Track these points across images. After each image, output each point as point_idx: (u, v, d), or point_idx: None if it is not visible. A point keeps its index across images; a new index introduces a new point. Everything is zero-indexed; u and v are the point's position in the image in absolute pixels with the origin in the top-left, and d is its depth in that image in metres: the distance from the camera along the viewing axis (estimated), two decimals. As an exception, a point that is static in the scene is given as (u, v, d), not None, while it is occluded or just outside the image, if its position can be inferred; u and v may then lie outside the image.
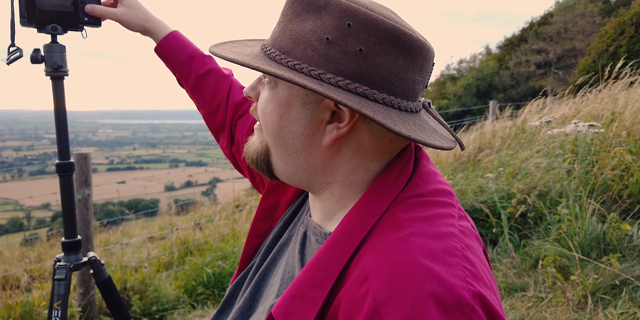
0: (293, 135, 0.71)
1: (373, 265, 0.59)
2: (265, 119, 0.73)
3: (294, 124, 0.70)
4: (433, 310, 0.53)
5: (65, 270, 1.55)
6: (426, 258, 0.58)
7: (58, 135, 1.52)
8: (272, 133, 0.73)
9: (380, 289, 0.56)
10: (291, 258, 0.80)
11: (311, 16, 0.66)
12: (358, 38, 0.64)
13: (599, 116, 4.68)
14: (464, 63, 34.22)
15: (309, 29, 0.65)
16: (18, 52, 1.37)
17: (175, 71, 1.22)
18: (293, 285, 0.65)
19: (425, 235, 0.61)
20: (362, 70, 0.65)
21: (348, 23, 0.64)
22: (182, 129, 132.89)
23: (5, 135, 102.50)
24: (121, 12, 1.21)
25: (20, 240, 5.38)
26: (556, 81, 25.59)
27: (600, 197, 3.26)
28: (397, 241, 0.61)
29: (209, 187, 32.38)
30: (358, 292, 0.58)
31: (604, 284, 2.56)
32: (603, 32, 20.15)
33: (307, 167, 0.74)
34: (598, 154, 3.56)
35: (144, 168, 73.75)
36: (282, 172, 0.76)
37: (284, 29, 0.69)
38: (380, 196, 0.69)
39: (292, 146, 0.72)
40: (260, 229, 0.95)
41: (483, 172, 4.57)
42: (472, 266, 0.60)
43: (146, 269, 3.60)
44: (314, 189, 0.77)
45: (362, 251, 0.63)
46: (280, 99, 0.70)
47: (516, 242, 3.35)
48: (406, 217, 0.64)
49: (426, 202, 0.68)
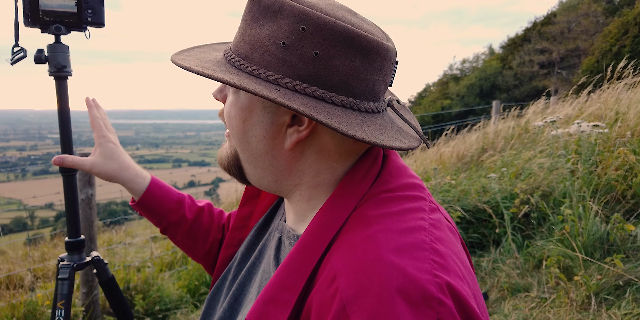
0: (256, 139, 0.72)
1: (340, 265, 0.60)
2: (230, 123, 0.74)
3: (256, 127, 0.71)
4: (400, 306, 0.53)
5: (68, 270, 1.55)
6: (392, 254, 0.58)
7: (61, 135, 1.52)
8: (237, 137, 0.74)
9: (347, 287, 0.56)
10: (267, 265, 0.81)
11: (268, 21, 0.66)
12: (313, 42, 0.64)
13: (603, 116, 4.67)
14: (466, 63, 34.18)
15: (266, 34, 0.66)
16: (22, 52, 1.38)
17: (162, 221, 1.08)
18: (265, 290, 0.65)
19: (392, 231, 0.62)
20: (319, 73, 0.65)
21: (302, 27, 0.64)
22: (185, 128, 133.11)
23: (9, 135, 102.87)
24: (91, 162, 1.05)
25: (24, 239, 5.39)
26: (559, 81, 25.52)
27: (603, 198, 3.25)
28: (364, 239, 0.61)
29: (211, 187, 32.39)
30: (327, 292, 0.58)
31: (607, 285, 2.55)
32: (607, 32, 20.09)
33: (272, 170, 0.75)
34: (602, 154, 3.55)
35: (147, 168, 73.10)
36: (252, 176, 0.77)
37: (243, 34, 0.69)
38: (348, 195, 0.69)
39: (256, 149, 0.73)
40: (236, 238, 0.97)
41: (486, 173, 4.56)
42: (441, 258, 0.60)
43: (149, 268, 3.61)
44: (283, 192, 0.78)
45: (331, 251, 0.63)
46: (242, 103, 0.72)
47: (519, 242, 3.34)
48: (374, 214, 0.65)
49: (396, 198, 0.68)
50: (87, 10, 1.36)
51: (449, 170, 5.24)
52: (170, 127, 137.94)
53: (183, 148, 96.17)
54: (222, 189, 18.16)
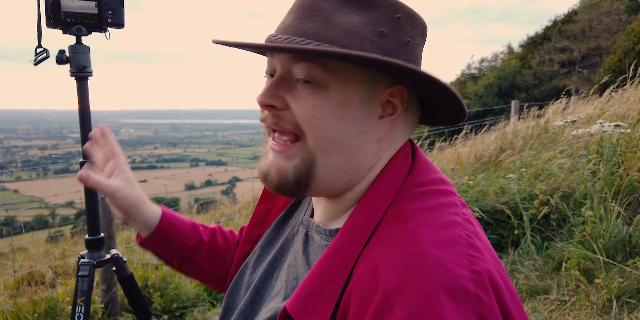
0: (351, 135, 0.70)
1: (382, 257, 0.61)
2: (316, 125, 0.68)
3: (352, 123, 0.69)
4: (443, 299, 0.55)
5: (88, 267, 1.58)
6: (433, 248, 0.60)
7: (82, 135, 1.54)
8: (326, 137, 0.69)
9: (389, 278, 0.58)
10: (293, 259, 0.81)
11: (355, 10, 0.68)
12: (405, 30, 0.69)
13: (625, 116, 4.58)
14: (485, 62, 33.77)
15: (359, 22, 0.67)
16: (45, 53, 1.40)
17: (180, 249, 1.02)
18: (306, 282, 0.66)
19: (431, 226, 0.64)
20: (408, 60, 0.70)
21: (398, 16, 0.69)
22: (203, 128, 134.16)
23: (31, 135, 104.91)
24: (116, 187, 0.92)
25: (45, 237, 5.50)
26: (580, 80, 25.10)
27: (625, 199, 3.19)
28: (405, 233, 0.63)
29: (228, 186, 32.64)
30: (369, 283, 0.60)
31: (629, 288, 2.50)
32: (629, 30, 19.67)
33: (353, 170, 0.73)
34: (624, 154, 3.48)
35: (165, 167, 74.64)
36: (322, 183, 0.72)
37: (327, 22, 0.67)
38: (385, 188, 0.71)
39: (348, 147, 0.70)
40: (254, 235, 0.97)
41: (505, 173, 4.50)
42: (477, 252, 0.63)
43: (167, 266, 3.64)
44: (340, 192, 0.75)
45: (371, 245, 0.65)
46: (335, 99, 0.68)
47: (538, 244, 3.29)
48: (411, 209, 0.67)
49: (429, 192, 0.70)
50: (107, 12, 1.38)
51: (466, 170, 5.19)
52: (188, 127, 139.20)
53: (200, 147, 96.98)
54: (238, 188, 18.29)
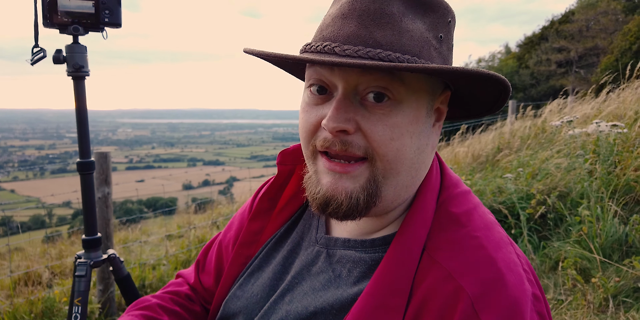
0: (419, 151, 0.68)
1: (453, 264, 0.63)
2: (393, 147, 0.64)
3: (421, 137, 0.67)
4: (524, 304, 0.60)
5: (85, 267, 1.58)
6: (495, 251, 0.64)
7: (79, 135, 1.54)
8: (400, 158, 0.65)
9: (470, 285, 0.60)
10: (318, 282, 0.75)
11: (418, 15, 0.65)
12: (451, 32, 0.70)
13: (622, 116, 4.59)
14: (482, 62, 33.82)
15: (424, 29, 0.65)
16: (42, 52, 1.40)
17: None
18: (370, 296, 0.65)
19: (483, 228, 0.68)
20: (450, 62, 0.70)
21: (449, 19, 0.68)
22: (200, 128, 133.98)
23: (28, 134, 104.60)
24: None
25: (42, 237, 5.49)
26: (577, 80, 25.13)
27: (622, 199, 3.19)
28: (465, 237, 0.66)
29: (226, 186, 32.59)
30: (445, 289, 0.61)
31: (626, 287, 2.51)
32: (626, 30, 19.72)
33: (416, 183, 0.72)
34: (620, 154, 3.49)
35: (163, 167, 74.50)
36: (385, 202, 0.69)
37: (398, 30, 0.62)
38: (430, 193, 0.72)
39: (416, 164, 0.68)
40: (244, 255, 0.89)
41: (502, 173, 4.51)
42: (518, 250, 0.70)
43: (164, 266, 3.64)
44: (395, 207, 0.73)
45: (430, 250, 0.66)
46: (409, 116, 0.65)
47: (535, 243, 3.30)
48: (459, 212, 0.69)
49: (463, 193, 0.74)
50: (104, 11, 1.37)
51: (464, 170, 5.19)
52: (186, 127, 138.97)
53: (198, 147, 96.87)
54: (236, 188, 18.29)
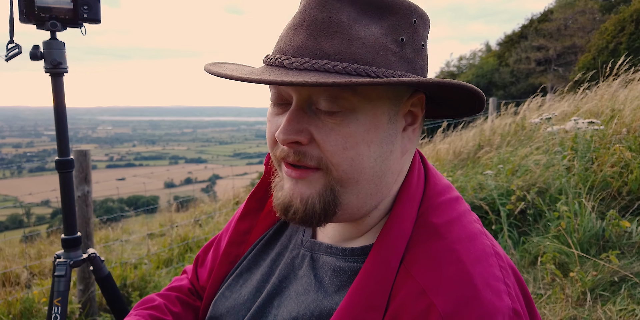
0: (382, 158, 0.65)
1: (427, 279, 0.60)
2: (347, 157, 0.63)
3: (382, 144, 0.64)
4: (498, 317, 0.58)
5: (65, 267, 1.55)
6: (474, 266, 0.61)
7: (58, 132, 1.52)
8: (357, 168, 0.64)
9: (442, 304, 0.58)
10: (301, 286, 0.75)
11: (373, 19, 0.61)
12: (419, 33, 0.65)
13: (599, 113, 4.68)
14: (463, 60, 34.15)
15: (380, 33, 0.61)
16: (17, 48, 1.37)
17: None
18: (345, 311, 0.63)
19: (463, 240, 0.64)
20: (424, 64, 0.67)
21: (414, 20, 0.63)
22: (182, 125, 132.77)
23: (5, 132, 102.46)
24: None
25: (20, 237, 5.39)
26: (556, 78, 25.55)
27: (599, 194, 3.26)
28: (443, 251, 0.62)
29: (208, 184, 32.35)
30: (417, 306, 0.59)
31: (603, 281, 2.57)
32: (603, 29, 20.10)
33: (383, 190, 0.68)
34: (597, 151, 3.56)
35: (144, 165, 73.68)
36: (349, 210, 0.67)
37: (347, 39, 0.60)
38: (410, 202, 0.68)
39: (379, 171, 0.65)
40: (232, 255, 0.88)
41: (482, 169, 4.57)
42: (502, 261, 0.66)
43: (146, 265, 3.61)
44: (367, 215, 0.71)
45: (407, 263, 0.63)
46: (365, 124, 0.62)
47: (515, 238, 3.35)
48: (440, 223, 0.66)
49: (448, 201, 0.70)
50: (83, 7, 1.35)
51: (445, 166, 5.25)
52: (167, 124, 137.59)
53: (180, 145, 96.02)
54: (218, 186, 18.17)
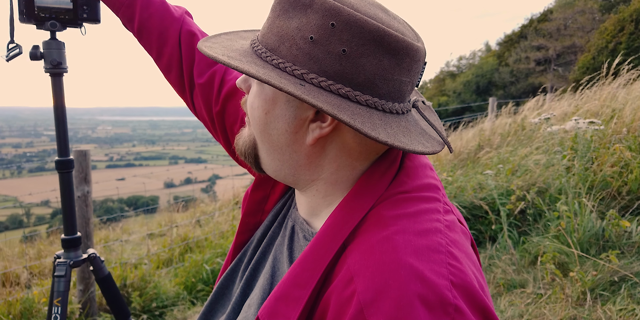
0: (277, 132, 0.71)
1: (358, 266, 0.59)
2: (252, 114, 0.73)
3: (278, 120, 0.70)
4: (418, 310, 0.53)
5: (65, 267, 1.55)
6: (410, 256, 0.58)
7: (57, 132, 1.52)
8: (258, 128, 0.73)
9: (364, 290, 0.56)
10: (279, 253, 0.81)
11: (298, 13, 0.65)
12: (341, 38, 0.63)
13: (599, 113, 4.68)
14: (463, 60, 34.19)
15: (295, 27, 0.65)
16: (17, 48, 1.37)
17: (118, 14, 1.13)
18: (278, 287, 0.65)
19: (409, 233, 0.61)
20: (345, 71, 0.64)
21: (332, 23, 0.62)
22: (182, 125, 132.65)
23: (5, 132, 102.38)
24: None
25: (20, 237, 5.39)
26: (556, 78, 25.57)
27: (599, 194, 3.26)
28: (381, 240, 0.60)
29: (208, 184, 32.36)
30: (344, 293, 0.58)
31: (602, 281, 2.57)
32: (603, 29, 20.11)
33: (291, 164, 0.74)
34: (597, 150, 3.56)
35: (144, 165, 73.65)
36: (269, 166, 0.77)
37: (271, 25, 0.68)
38: (365, 194, 0.68)
39: (277, 142, 0.72)
40: (251, 223, 0.94)
41: (482, 169, 4.57)
42: (457, 262, 0.60)
43: (146, 265, 3.61)
44: (299, 185, 0.77)
45: (348, 251, 0.63)
46: (266, 95, 0.70)
47: (515, 238, 3.35)
48: (390, 215, 0.64)
49: (411, 198, 0.67)
50: (82, 7, 1.35)
51: (445, 166, 5.25)
52: (167, 124, 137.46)
53: (180, 145, 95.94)
54: (218, 186, 18.17)
